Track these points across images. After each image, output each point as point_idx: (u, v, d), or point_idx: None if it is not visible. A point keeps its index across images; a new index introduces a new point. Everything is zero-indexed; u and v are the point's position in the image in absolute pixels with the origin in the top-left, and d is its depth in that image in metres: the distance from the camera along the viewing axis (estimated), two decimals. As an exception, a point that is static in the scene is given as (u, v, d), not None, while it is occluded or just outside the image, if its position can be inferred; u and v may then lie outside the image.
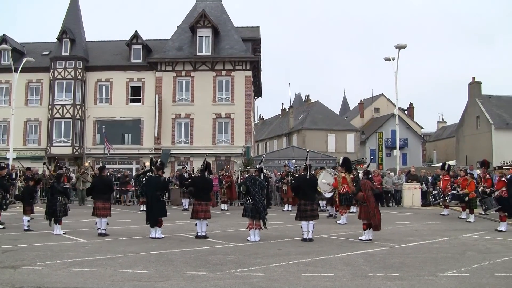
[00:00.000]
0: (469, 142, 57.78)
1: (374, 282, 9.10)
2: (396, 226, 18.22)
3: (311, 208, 14.60)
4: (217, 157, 40.11)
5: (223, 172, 28.45)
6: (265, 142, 75.00)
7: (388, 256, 11.79)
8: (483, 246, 13.41)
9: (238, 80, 41.80)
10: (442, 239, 14.95)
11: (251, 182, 14.47)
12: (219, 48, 42.66)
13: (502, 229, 16.51)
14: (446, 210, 22.79)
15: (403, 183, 29.29)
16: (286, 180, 25.84)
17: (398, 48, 32.86)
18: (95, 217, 15.66)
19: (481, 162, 20.45)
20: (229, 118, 41.47)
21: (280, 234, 15.89)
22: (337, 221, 19.36)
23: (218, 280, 9.15)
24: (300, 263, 10.87)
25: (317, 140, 61.01)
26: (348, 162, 20.08)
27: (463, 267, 10.40)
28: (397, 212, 24.71)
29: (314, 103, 71.67)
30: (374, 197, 14.45)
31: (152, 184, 15.42)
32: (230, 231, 16.90)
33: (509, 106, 57.15)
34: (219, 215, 22.31)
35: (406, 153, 66.92)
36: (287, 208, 25.50)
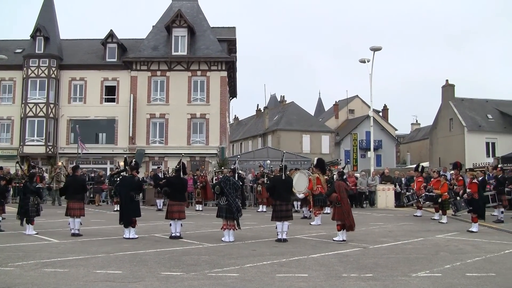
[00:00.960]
0: (443, 144, 58.34)
1: (348, 282, 9.15)
2: (370, 227, 18.33)
3: (286, 208, 14.65)
4: (192, 157, 39.97)
5: (198, 173, 28.37)
6: (240, 142, 74.97)
7: (362, 257, 11.86)
8: (455, 247, 13.55)
9: (214, 81, 41.71)
10: (415, 240, 15.08)
11: (225, 183, 14.45)
12: (194, 48, 42.56)
13: (474, 230, 16.70)
14: (420, 211, 22.99)
15: (377, 185, 29.46)
16: (261, 181, 25.85)
17: (373, 50, 33.07)
18: (68, 217, 15.52)
19: (453, 164, 20.67)
20: (204, 118, 41.37)
21: (255, 234, 15.90)
22: (311, 222, 19.42)
23: (192, 280, 9.14)
24: (275, 263, 10.89)
25: (292, 141, 61.14)
26: (322, 163, 20.15)
27: (435, 268, 10.51)
28: (371, 213, 24.86)
29: (289, 104, 71.78)
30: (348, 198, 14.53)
31: (126, 184, 15.34)
32: (204, 231, 16.87)
33: (482, 109, 57.85)
34: (193, 216, 22.24)
35: (380, 154, 67.44)
36: (262, 208, 25.51)
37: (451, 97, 57.69)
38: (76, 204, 15.55)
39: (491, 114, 57.41)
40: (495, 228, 17.95)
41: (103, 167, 39.73)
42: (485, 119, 56.56)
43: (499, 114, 57.56)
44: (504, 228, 17.86)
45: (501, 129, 55.71)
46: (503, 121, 56.91)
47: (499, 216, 19.95)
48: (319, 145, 64.09)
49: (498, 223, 19.20)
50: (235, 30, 47.55)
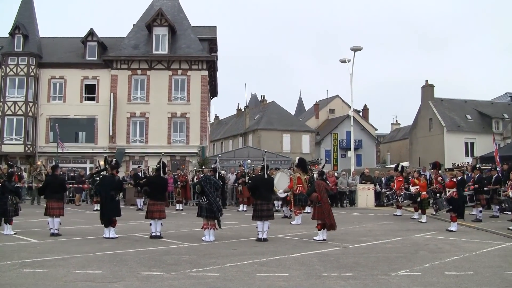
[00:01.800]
0: (422, 144, 58.80)
1: (328, 281, 9.18)
2: (350, 227, 18.40)
3: (267, 208, 14.68)
4: (172, 156, 39.87)
5: (178, 172, 28.30)
6: (221, 142, 74.90)
7: (342, 256, 11.90)
8: (435, 246, 13.65)
9: (194, 80, 41.63)
10: (395, 239, 15.17)
11: (205, 182, 14.42)
12: (175, 47, 42.47)
13: (453, 229, 16.83)
14: (399, 210, 23.13)
15: (357, 184, 29.60)
16: (242, 180, 25.84)
17: (354, 50, 33.23)
18: (47, 216, 15.38)
19: (432, 164, 20.84)
20: (185, 117, 41.29)
21: (235, 234, 15.90)
22: (292, 221, 19.45)
23: (172, 280, 9.11)
24: (255, 263, 10.89)
25: (273, 141, 61.19)
26: (304, 162, 20.18)
27: (415, 267, 10.58)
28: (351, 213, 24.97)
29: (269, 103, 71.83)
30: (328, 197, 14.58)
31: (106, 184, 15.25)
32: (184, 231, 16.84)
33: (461, 109, 58.45)
34: (174, 215, 22.18)
35: (361, 154, 67.75)
36: (242, 208, 25.53)
37: (431, 98, 58.22)
38: (56, 204, 15.41)
39: (470, 114, 58.06)
40: (473, 227, 18.10)
41: (83, 166, 39.54)
42: (464, 120, 57.17)
43: (478, 115, 58.22)
44: (482, 227, 18.03)
45: (479, 129, 56.33)
46: (481, 122, 57.55)
47: (478, 215, 20.14)
48: (299, 144, 64.23)
49: (476, 222, 19.37)
50: (216, 30, 47.49)
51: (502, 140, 54.23)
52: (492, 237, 15.60)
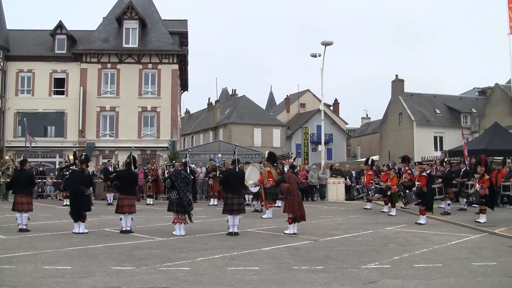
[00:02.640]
0: (392, 138, 59.32)
1: (298, 275, 9.22)
2: (321, 220, 18.49)
3: (238, 202, 14.68)
4: (142, 150, 39.64)
5: (149, 166, 28.17)
6: (191, 136, 74.73)
7: (312, 250, 11.96)
8: (404, 239, 13.79)
9: (165, 74, 41.42)
10: (365, 232, 15.29)
11: (176, 176, 14.38)
12: (146, 40, 42.18)
13: (422, 222, 17.02)
14: (369, 204, 23.29)
15: (327, 178, 29.73)
16: (212, 175, 25.80)
17: (325, 45, 33.37)
18: (15, 212, 15.19)
19: (402, 158, 21.00)
20: (155, 111, 41.07)
21: (206, 228, 15.87)
22: (263, 215, 19.49)
23: (143, 275, 9.08)
24: (226, 257, 10.89)
25: (243, 135, 61.25)
26: (273, 156, 20.23)
27: (384, 259, 10.67)
28: (322, 206, 25.09)
29: (240, 97, 71.78)
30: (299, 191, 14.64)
31: (75, 178, 15.12)
32: (155, 225, 16.78)
33: (430, 104, 59.13)
34: (144, 210, 22.09)
35: (331, 148, 68.03)
36: (213, 202, 25.49)
37: (401, 92, 58.77)
38: (24, 199, 15.22)
39: (439, 109, 58.78)
40: (442, 220, 18.34)
41: (52, 161, 39.19)
42: (433, 114, 57.85)
43: (447, 109, 58.96)
44: (450, 220, 18.27)
45: (448, 123, 57.06)
46: (450, 116, 58.29)
47: (446, 208, 20.43)
48: (270, 138, 64.37)
49: (445, 215, 19.63)
50: (186, 23, 47.29)
51: (470, 134, 54.91)
52: (460, 230, 15.80)
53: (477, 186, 17.55)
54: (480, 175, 17.56)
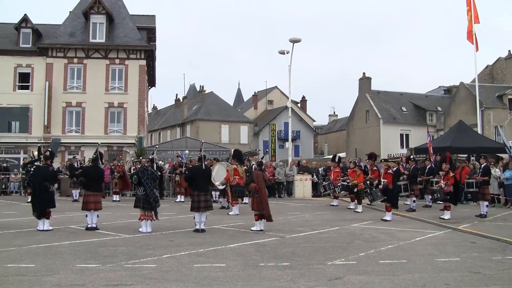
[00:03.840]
0: (359, 135, 59.76)
1: (265, 271, 9.24)
2: (288, 217, 18.56)
3: (204, 199, 14.64)
4: (109, 147, 39.28)
5: (115, 162, 27.94)
6: (159, 132, 74.35)
7: (279, 246, 12.01)
8: (370, 235, 13.92)
9: (132, 69, 41.06)
10: (332, 229, 15.38)
11: (143, 173, 14.30)
12: (113, 35, 41.78)
13: (388, 219, 17.20)
14: (336, 200, 23.43)
15: (294, 175, 29.84)
16: (179, 171, 25.70)
17: (293, 42, 33.40)
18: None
19: (368, 155, 21.19)
20: (122, 107, 40.70)
21: (173, 225, 15.82)
22: (229, 212, 19.48)
23: (108, 272, 9.01)
24: (192, 254, 10.88)
25: (211, 131, 61.16)
26: (239, 154, 20.21)
27: (350, 256, 10.76)
28: (289, 203, 25.17)
29: (208, 94, 71.59)
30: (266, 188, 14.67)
31: (40, 174, 14.90)
32: (121, 222, 16.64)
33: (397, 102, 59.70)
34: (110, 206, 21.92)
35: (299, 145, 68.26)
36: (180, 199, 25.40)
37: (368, 90, 59.24)
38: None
39: (405, 106, 59.38)
40: (407, 217, 18.57)
41: (16, 157, 38.60)
42: (400, 112, 58.42)
43: (413, 107, 59.61)
44: (415, 216, 18.53)
45: (414, 121, 57.70)
46: (416, 114, 58.97)
47: (411, 205, 20.68)
48: (237, 135, 64.38)
49: (410, 212, 19.87)
50: (154, 19, 47.00)
51: (436, 132, 55.60)
52: (424, 226, 16.02)
53: (441, 183, 17.78)
54: (445, 172, 17.79)
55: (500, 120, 51.91)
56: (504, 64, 59.44)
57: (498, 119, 51.96)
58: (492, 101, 52.69)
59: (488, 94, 52.72)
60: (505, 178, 22.17)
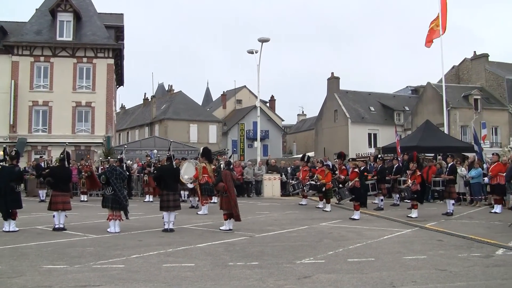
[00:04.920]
0: (327, 134, 60.09)
1: (234, 271, 9.25)
2: (256, 216, 18.59)
3: (173, 198, 14.65)
4: (76, 146, 38.83)
5: (83, 162, 27.68)
6: (127, 131, 73.83)
7: (248, 245, 12.02)
8: (338, 234, 14.00)
9: (100, 68, 40.62)
10: (300, 228, 15.44)
11: (111, 173, 14.21)
12: (80, 34, 41.29)
13: (356, 218, 17.33)
14: (304, 200, 23.53)
15: (263, 174, 29.89)
16: (148, 171, 25.57)
17: (261, 41, 33.46)
18: None
19: (337, 154, 21.33)
20: (90, 106, 40.25)
21: (141, 225, 15.74)
22: (198, 211, 19.45)
23: (76, 273, 8.92)
24: (161, 253, 10.84)
25: (179, 131, 60.91)
26: (208, 152, 20.18)
27: (319, 254, 10.82)
28: (258, 203, 25.21)
29: (177, 93, 71.30)
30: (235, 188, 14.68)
31: (5, 175, 14.65)
32: (89, 222, 16.50)
33: (365, 101, 60.19)
34: (78, 206, 21.71)
35: (267, 144, 68.40)
36: (148, 198, 25.29)
37: (336, 90, 59.62)
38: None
39: (374, 106, 59.93)
40: (375, 215, 18.72)
41: (-19, 157, 37.91)
42: (368, 111, 58.91)
43: (381, 107, 60.16)
44: (383, 215, 18.69)
45: (382, 121, 58.22)
46: (384, 113, 59.52)
47: (379, 204, 20.88)
48: (206, 134, 64.24)
49: (378, 211, 20.05)
50: (122, 17, 46.59)
51: (403, 131, 56.21)
52: (392, 225, 16.18)
53: (409, 182, 17.98)
54: (412, 171, 17.99)
55: (466, 120, 52.71)
56: (470, 64, 60.38)
57: (464, 119, 52.76)
58: (458, 101, 53.47)
59: (455, 94, 53.48)
60: (471, 177, 22.49)
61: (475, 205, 22.33)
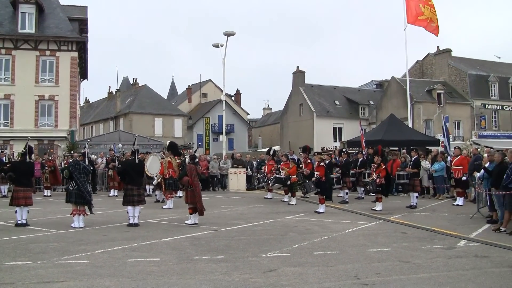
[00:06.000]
0: (293, 128, 60.28)
1: (199, 265, 9.23)
2: (222, 210, 18.58)
3: (138, 193, 14.56)
4: (39, 140, 38.26)
5: (46, 157, 27.32)
6: (91, 125, 73.10)
7: (213, 239, 12.01)
8: (303, 227, 14.07)
9: (63, 61, 39.97)
10: (266, 221, 15.47)
11: (74, 167, 14.05)
12: (43, 26, 40.61)
13: (321, 211, 17.42)
14: (270, 193, 23.56)
15: (229, 168, 29.87)
16: (112, 165, 25.36)
17: (227, 35, 33.38)
18: None
19: (302, 148, 21.37)
20: (53, 100, 39.66)
21: (106, 219, 15.61)
22: (163, 206, 19.36)
23: (39, 269, 8.80)
24: (126, 248, 10.77)
25: (144, 124, 60.52)
26: (175, 146, 20.10)
27: (284, 248, 10.86)
28: (223, 196, 25.20)
29: (141, 87, 70.75)
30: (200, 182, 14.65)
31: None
32: (53, 218, 16.30)
33: (330, 95, 60.53)
34: (41, 202, 21.44)
35: (233, 138, 68.37)
36: (113, 193, 25.07)
37: (302, 83, 59.82)
38: None
39: (339, 100, 60.30)
40: (340, 209, 18.85)
41: None
42: (333, 105, 59.26)
43: (346, 101, 60.58)
44: (348, 208, 18.85)
45: (347, 115, 58.63)
46: (349, 107, 59.94)
47: (344, 197, 21.02)
48: (171, 128, 63.95)
49: (343, 204, 20.18)
50: (86, 10, 45.93)
51: (368, 125, 56.75)
52: (357, 218, 16.32)
53: (373, 175, 18.14)
54: (377, 165, 18.17)
55: (429, 114, 53.39)
56: (433, 59, 61.14)
57: (427, 113, 53.42)
58: (422, 95, 54.10)
59: (418, 89, 54.11)
60: (434, 170, 22.78)
61: (438, 198, 22.63)
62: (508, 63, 64.65)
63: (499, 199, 13.66)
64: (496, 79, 57.36)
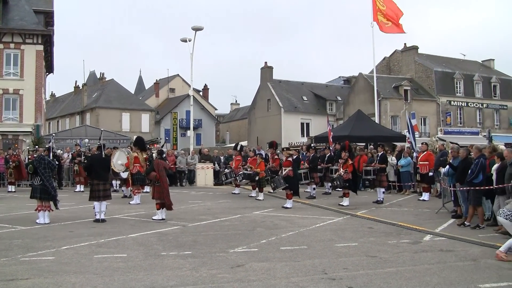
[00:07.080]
0: (261, 123, 60.37)
1: (167, 260, 9.19)
2: (189, 205, 18.52)
3: (103, 188, 14.44)
4: (4, 135, 37.72)
5: (10, 152, 26.91)
6: (57, 120, 72.22)
7: (181, 235, 11.97)
8: (271, 223, 14.10)
9: (28, 54, 39.36)
10: (233, 216, 15.47)
11: (39, 162, 13.87)
12: (7, 18, 39.90)
13: (288, 206, 17.46)
14: (237, 189, 23.55)
15: (196, 163, 29.79)
16: (78, 160, 25.08)
17: (195, 30, 33.25)
18: None
19: (269, 143, 21.39)
20: (18, 94, 39.06)
21: (72, 215, 15.42)
22: (130, 201, 19.23)
23: (3, 267, 8.66)
24: (92, 244, 10.66)
25: (111, 119, 59.98)
26: (141, 141, 19.99)
27: (252, 243, 10.87)
28: (190, 192, 25.12)
29: (109, 81, 70.08)
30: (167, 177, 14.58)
31: None
32: (17, 213, 16.06)
33: (298, 91, 60.76)
34: (5, 197, 21.16)
35: (200, 133, 68.21)
36: (79, 188, 24.80)
37: (269, 79, 59.94)
38: None
39: (306, 96, 60.55)
40: (307, 204, 18.94)
41: None
42: (301, 101, 59.50)
43: (313, 96, 60.85)
44: (315, 203, 18.94)
45: (315, 110, 58.93)
46: (316, 103, 60.22)
47: (312, 193, 21.11)
48: (139, 123, 63.53)
49: (310, 199, 20.26)
50: (52, 2, 45.19)
51: (335, 121, 57.06)
52: (324, 213, 16.42)
53: (341, 171, 18.24)
54: (344, 160, 18.26)
55: (396, 110, 53.96)
56: (400, 56, 61.77)
57: (394, 109, 53.98)
58: (389, 92, 54.62)
59: (385, 85, 54.63)
60: (401, 165, 22.99)
61: (404, 193, 22.84)
62: (472, 60, 65.69)
63: (464, 194, 13.87)
64: (461, 76, 58.28)
